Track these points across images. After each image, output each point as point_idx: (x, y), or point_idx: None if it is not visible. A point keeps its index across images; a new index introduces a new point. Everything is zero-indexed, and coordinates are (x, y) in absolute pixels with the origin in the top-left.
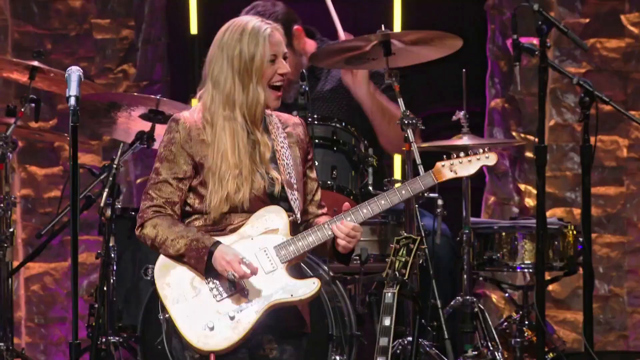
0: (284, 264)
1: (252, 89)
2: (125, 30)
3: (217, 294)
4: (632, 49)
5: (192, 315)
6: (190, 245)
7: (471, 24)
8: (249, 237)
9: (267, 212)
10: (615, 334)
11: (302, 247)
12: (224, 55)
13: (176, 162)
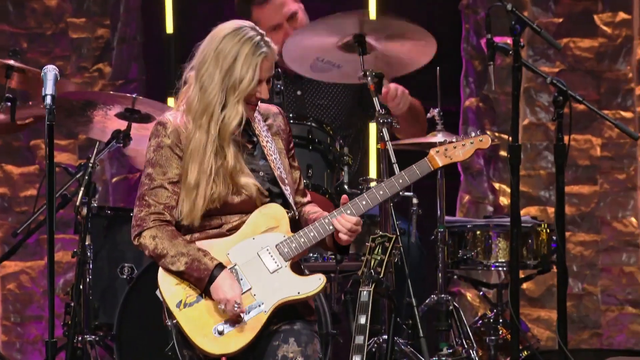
0: (287, 261)
1: (233, 106)
2: (101, 29)
3: None
4: (605, 48)
5: (200, 319)
6: (191, 266)
7: (446, 24)
8: (250, 236)
9: (266, 210)
10: (589, 332)
11: (305, 243)
12: (217, 65)
13: (169, 166)
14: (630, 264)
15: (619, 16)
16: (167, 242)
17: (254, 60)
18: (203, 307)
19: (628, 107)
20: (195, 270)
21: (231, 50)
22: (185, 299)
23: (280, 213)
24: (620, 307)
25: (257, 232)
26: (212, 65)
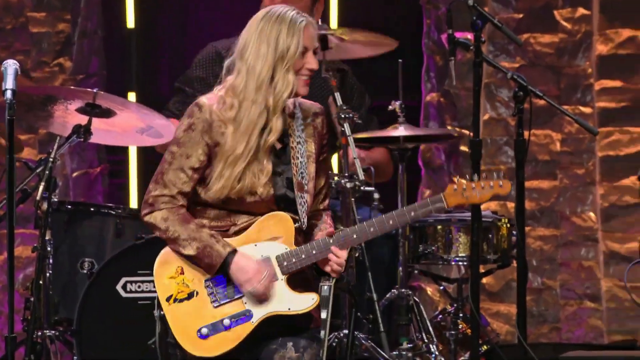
0: (284, 275)
1: (283, 76)
2: (62, 23)
3: (214, 300)
4: (565, 44)
5: (186, 317)
6: (203, 251)
7: (407, 19)
8: (253, 242)
9: (273, 219)
10: (548, 326)
11: (305, 261)
12: (261, 42)
13: (193, 150)
14: (589, 259)
15: (578, 12)
16: (179, 226)
17: (296, 29)
18: (191, 306)
19: (587, 103)
20: (206, 256)
21: (273, 27)
22: (176, 294)
23: (288, 224)
24: (579, 301)
25: (260, 239)
26: (255, 45)
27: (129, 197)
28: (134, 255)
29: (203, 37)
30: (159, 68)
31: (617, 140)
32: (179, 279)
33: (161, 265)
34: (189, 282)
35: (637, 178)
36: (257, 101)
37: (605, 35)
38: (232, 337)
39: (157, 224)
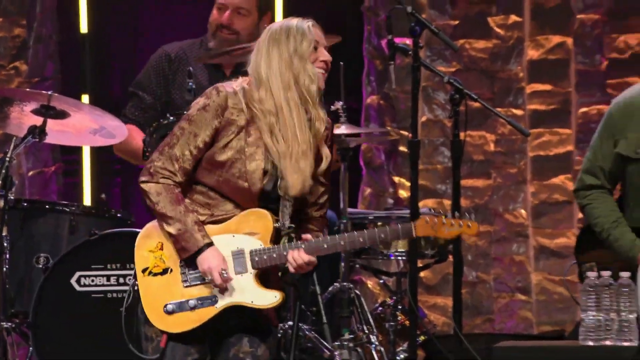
0: (254, 270)
1: (304, 71)
2: (18, 28)
3: (185, 280)
4: (498, 49)
5: (156, 290)
6: (182, 235)
7: (348, 25)
8: (231, 233)
9: (254, 215)
10: (482, 318)
11: (276, 259)
12: (274, 52)
13: (202, 129)
14: (520, 254)
15: (511, 19)
16: (169, 204)
17: (302, 27)
18: (163, 282)
19: (519, 105)
20: (184, 240)
21: (281, 33)
22: (152, 268)
23: (267, 222)
24: (511, 294)
25: (239, 232)
26: (266, 52)
27: (82, 195)
28: (87, 250)
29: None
30: (111, 71)
31: (547, 141)
32: (157, 254)
33: (143, 238)
34: (165, 259)
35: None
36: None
37: (536, 41)
38: (194, 318)
39: (150, 195)
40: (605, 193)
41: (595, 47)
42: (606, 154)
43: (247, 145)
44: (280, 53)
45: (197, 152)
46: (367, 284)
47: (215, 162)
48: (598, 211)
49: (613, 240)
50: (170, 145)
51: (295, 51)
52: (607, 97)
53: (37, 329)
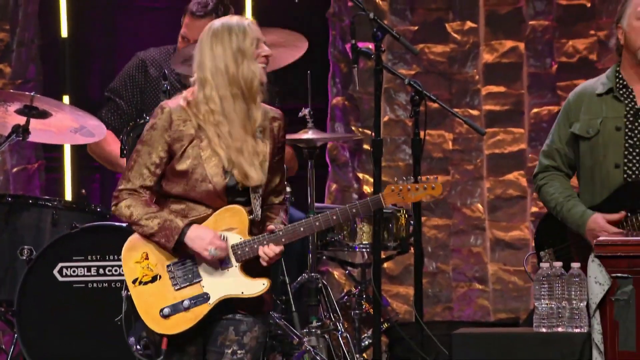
0: (239, 262)
1: (247, 66)
2: (1, 33)
3: (175, 283)
4: (455, 53)
5: (150, 298)
6: (163, 225)
7: (314, 30)
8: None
9: (230, 211)
10: (441, 306)
11: (256, 250)
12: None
13: (154, 148)
14: (477, 245)
15: (467, 25)
16: (140, 208)
17: (243, 24)
18: (154, 289)
19: (475, 106)
20: (167, 229)
21: (223, 31)
22: (141, 278)
23: (242, 216)
24: (468, 283)
25: (218, 229)
26: (209, 50)
27: (64, 190)
28: (69, 242)
29: (130, 45)
30: (90, 73)
31: (502, 140)
32: (144, 264)
33: (128, 251)
34: (152, 267)
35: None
36: (234, 93)
37: (491, 45)
38: (190, 317)
39: (123, 212)
40: (561, 175)
41: (545, 52)
42: (562, 136)
43: (202, 149)
44: (223, 50)
45: (154, 168)
46: (334, 274)
47: (177, 173)
48: (552, 189)
49: (566, 211)
50: (129, 168)
51: (238, 48)
52: (557, 98)
53: (21, 317)
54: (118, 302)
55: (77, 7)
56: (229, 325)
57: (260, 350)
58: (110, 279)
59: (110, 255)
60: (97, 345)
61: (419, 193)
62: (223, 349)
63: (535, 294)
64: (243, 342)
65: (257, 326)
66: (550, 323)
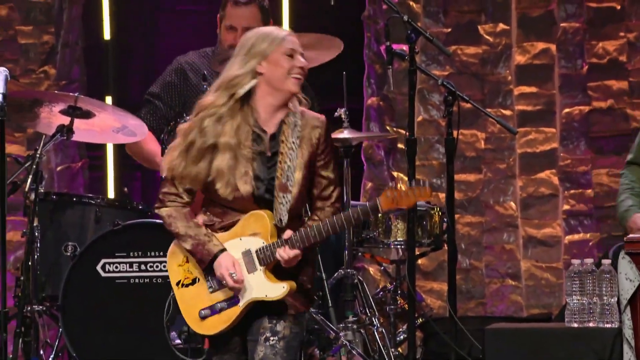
0: (262, 267)
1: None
2: (46, 35)
3: (210, 287)
4: (487, 54)
5: (190, 300)
6: (196, 248)
7: (350, 33)
8: (238, 236)
9: (254, 217)
10: (475, 302)
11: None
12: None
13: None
14: (510, 242)
15: (499, 27)
16: (180, 223)
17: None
18: (194, 291)
19: (508, 106)
20: (199, 253)
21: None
22: (183, 280)
23: (265, 221)
24: (501, 280)
25: (244, 234)
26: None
27: (106, 188)
28: (111, 239)
29: (170, 47)
30: (132, 74)
31: (534, 139)
32: (185, 267)
33: (171, 255)
34: (192, 270)
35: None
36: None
37: (523, 47)
38: (224, 319)
39: (164, 219)
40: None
41: (576, 53)
42: None
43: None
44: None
45: (199, 174)
46: (369, 270)
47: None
48: (623, 179)
49: (619, 201)
50: (174, 174)
51: (264, 55)
52: (588, 98)
53: (65, 311)
54: (159, 297)
55: (119, 10)
56: (264, 314)
57: (296, 340)
58: (152, 274)
59: (151, 251)
60: (138, 339)
61: (409, 199)
62: (257, 336)
63: (567, 289)
64: (276, 330)
65: (292, 319)
66: (581, 318)
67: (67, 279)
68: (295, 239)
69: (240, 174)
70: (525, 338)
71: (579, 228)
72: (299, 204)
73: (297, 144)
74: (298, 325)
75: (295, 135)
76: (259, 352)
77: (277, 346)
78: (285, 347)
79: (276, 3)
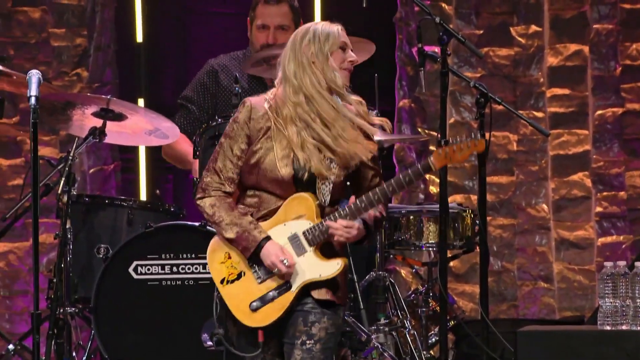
0: (312, 247)
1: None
2: (79, 38)
3: (258, 277)
4: (520, 56)
5: (238, 295)
6: (241, 235)
7: (382, 35)
8: (282, 222)
9: (296, 200)
10: (507, 304)
11: (327, 232)
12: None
13: (236, 140)
14: (542, 245)
15: (531, 28)
16: (224, 212)
17: (327, 30)
18: (241, 286)
19: (540, 108)
20: (244, 240)
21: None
22: (227, 277)
23: (309, 202)
24: (533, 282)
25: (288, 219)
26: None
27: (139, 190)
28: (144, 241)
29: (202, 50)
30: (164, 77)
31: (566, 141)
32: (227, 263)
33: (211, 253)
34: (236, 265)
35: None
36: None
37: (555, 49)
38: (277, 307)
39: (206, 209)
40: None
41: (609, 55)
42: None
43: (274, 140)
44: (303, 53)
45: (237, 160)
46: (401, 272)
47: (251, 164)
48: None
49: None
50: (214, 160)
51: (320, 50)
52: (621, 100)
53: (98, 313)
54: (191, 299)
55: (151, 13)
56: (298, 317)
57: (332, 341)
58: (184, 276)
59: (183, 253)
60: (170, 341)
61: (464, 152)
62: (294, 340)
63: (600, 292)
64: (312, 333)
65: (326, 317)
66: (614, 321)
67: (99, 281)
68: (345, 212)
69: (280, 155)
70: (558, 341)
71: (612, 230)
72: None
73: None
74: (333, 326)
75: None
76: (296, 355)
77: (313, 349)
78: (321, 350)
79: (308, 4)
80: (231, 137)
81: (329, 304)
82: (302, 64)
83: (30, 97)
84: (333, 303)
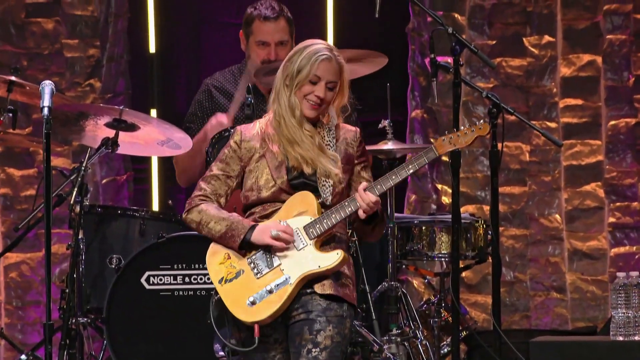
0: (312, 240)
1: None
2: (92, 49)
3: (257, 272)
4: (532, 67)
5: (236, 292)
6: (230, 226)
7: (394, 45)
8: (283, 220)
9: (297, 197)
10: (519, 315)
11: (328, 224)
12: (284, 68)
13: (227, 163)
14: (555, 255)
15: (544, 39)
16: (211, 213)
17: (313, 57)
18: (240, 283)
19: (553, 118)
20: (234, 229)
21: (296, 56)
22: (226, 276)
23: (310, 199)
24: (546, 292)
25: (289, 217)
26: (281, 71)
27: (151, 201)
28: (156, 252)
29: (214, 60)
30: (177, 88)
31: (579, 152)
32: (227, 263)
33: (211, 256)
34: (235, 264)
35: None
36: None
37: (568, 59)
38: (275, 299)
39: (193, 218)
40: None
41: (623, 65)
42: None
43: (266, 157)
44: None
45: (225, 178)
46: (413, 283)
47: (250, 184)
48: None
49: None
50: (202, 180)
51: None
52: (635, 111)
53: (110, 324)
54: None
55: (164, 24)
56: (304, 326)
57: (338, 350)
58: (196, 287)
59: (195, 264)
60: (182, 352)
61: (468, 137)
62: (300, 348)
63: (613, 302)
64: (317, 341)
65: (332, 326)
66: (627, 332)
67: (111, 291)
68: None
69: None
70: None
71: (625, 241)
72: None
73: (333, 142)
74: (339, 335)
75: (332, 135)
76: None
77: (319, 358)
78: (327, 358)
79: (321, 15)
80: (222, 160)
81: (333, 298)
82: (279, 84)
83: (43, 108)
84: (337, 298)
